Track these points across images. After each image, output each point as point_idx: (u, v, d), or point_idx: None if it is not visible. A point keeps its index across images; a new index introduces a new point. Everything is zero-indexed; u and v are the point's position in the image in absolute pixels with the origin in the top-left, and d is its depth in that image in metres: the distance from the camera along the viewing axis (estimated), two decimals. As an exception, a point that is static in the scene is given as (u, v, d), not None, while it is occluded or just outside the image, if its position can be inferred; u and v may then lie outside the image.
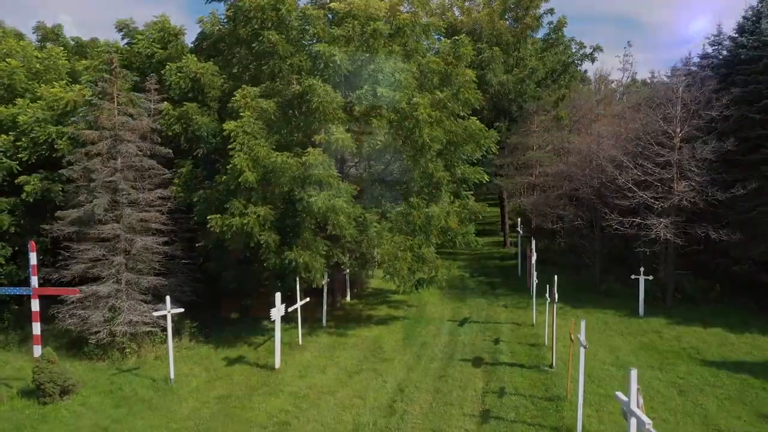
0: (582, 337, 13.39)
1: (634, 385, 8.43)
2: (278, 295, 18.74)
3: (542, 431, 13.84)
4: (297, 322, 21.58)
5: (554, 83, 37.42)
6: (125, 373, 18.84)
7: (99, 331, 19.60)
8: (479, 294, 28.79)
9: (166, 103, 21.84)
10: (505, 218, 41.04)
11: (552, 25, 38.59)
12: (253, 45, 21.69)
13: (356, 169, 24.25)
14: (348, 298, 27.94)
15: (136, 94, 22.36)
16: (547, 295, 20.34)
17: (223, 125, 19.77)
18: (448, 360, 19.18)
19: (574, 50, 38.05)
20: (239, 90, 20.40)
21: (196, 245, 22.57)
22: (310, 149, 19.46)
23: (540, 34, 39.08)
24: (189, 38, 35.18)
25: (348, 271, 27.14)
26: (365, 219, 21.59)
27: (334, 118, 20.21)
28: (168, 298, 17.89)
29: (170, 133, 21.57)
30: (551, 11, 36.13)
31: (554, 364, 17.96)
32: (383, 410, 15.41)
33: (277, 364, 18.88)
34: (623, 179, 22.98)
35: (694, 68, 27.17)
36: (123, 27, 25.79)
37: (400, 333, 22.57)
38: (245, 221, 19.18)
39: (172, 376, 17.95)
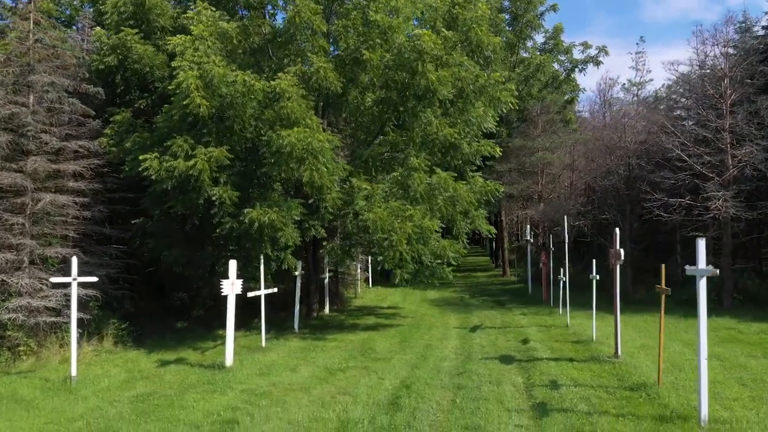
0: (701, 263, 8.49)
1: None
2: (233, 263, 13.51)
3: (643, 422, 8.67)
4: (260, 323, 16.20)
5: (557, 90, 33.91)
6: (11, 376, 13.27)
7: (-19, 321, 14.10)
8: (487, 308, 23.70)
9: (98, 28, 17.02)
10: (503, 242, 36.34)
11: (548, 33, 35.64)
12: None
13: (342, 133, 19.55)
14: (326, 311, 22.58)
15: (68, 31, 17.78)
16: (592, 275, 15.53)
17: (168, 38, 14.99)
18: (466, 359, 13.92)
19: (576, 56, 34.80)
20: (192, 7, 15.80)
21: (132, 222, 17.40)
22: (280, 74, 14.75)
23: (538, 40, 36.07)
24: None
25: (327, 274, 22.05)
26: (351, 185, 16.81)
27: (314, 45, 15.72)
28: (74, 259, 12.60)
29: (102, 67, 16.53)
30: (554, 7, 32.94)
31: (620, 353, 12.92)
32: (383, 407, 10.09)
33: (229, 362, 13.44)
34: (671, 143, 18.59)
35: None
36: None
37: (395, 337, 17.32)
38: (191, 164, 14.12)
39: (73, 373, 12.41)
